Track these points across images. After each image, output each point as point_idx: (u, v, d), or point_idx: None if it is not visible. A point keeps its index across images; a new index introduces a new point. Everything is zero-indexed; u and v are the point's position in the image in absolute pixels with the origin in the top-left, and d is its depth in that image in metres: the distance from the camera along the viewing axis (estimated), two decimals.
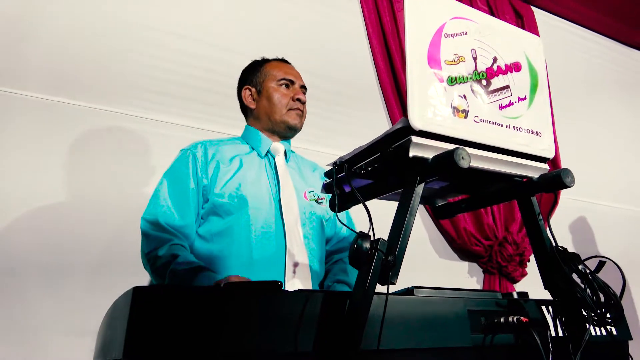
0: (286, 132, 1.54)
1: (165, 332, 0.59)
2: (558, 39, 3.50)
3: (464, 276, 2.71)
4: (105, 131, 1.99)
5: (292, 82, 1.55)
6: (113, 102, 2.02)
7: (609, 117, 3.58)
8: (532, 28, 3.22)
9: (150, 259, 1.30)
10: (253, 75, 1.59)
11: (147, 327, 0.58)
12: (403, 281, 0.87)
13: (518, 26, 3.06)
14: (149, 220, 1.35)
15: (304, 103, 1.55)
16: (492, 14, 3.06)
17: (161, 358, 0.58)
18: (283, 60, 1.63)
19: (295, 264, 1.36)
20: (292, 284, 1.33)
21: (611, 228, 3.28)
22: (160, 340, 0.58)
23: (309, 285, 1.37)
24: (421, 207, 2.59)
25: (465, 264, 2.74)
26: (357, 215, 1.64)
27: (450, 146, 0.76)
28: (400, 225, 0.74)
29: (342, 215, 1.59)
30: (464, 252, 2.71)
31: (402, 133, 0.79)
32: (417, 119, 0.77)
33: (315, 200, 1.52)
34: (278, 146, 1.54)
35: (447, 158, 0.73)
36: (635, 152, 3.62)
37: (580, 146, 3.29)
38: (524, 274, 2.72)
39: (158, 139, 2.05)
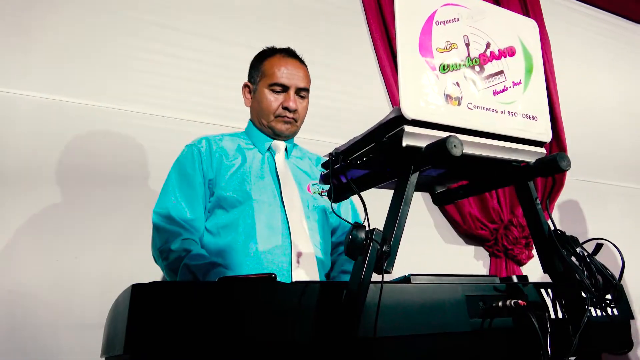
0: (277, 137, 1.52)
1: (164, 327, 0.60)
2: (561, 16, 3.45)
3: (470, 260, 2.72)
4: (109, 128, 2.00)
5: (286, 88, 1.47)
6: (115, 100, 2.03)
7: (614, 95, 3.53)
8: (535, 5, 3.16)
9: (162, 252, 1.31)
10: (253, 70, 1.56)
11: (147, 323, 0.60)
12: (408, 267, 0.88)
13: (520, 4, 3.03)
14: (160, 213, 1.37)
15: (293, 111, 1.47)
16: None
17: (161, 353, 0.60)
18: (287, 54, 1.52)
19: (300, 255, 1.37)
20: (298, 275, 1.34)
21: (615, 207, 3.26)
22: (159, 336, 0.60)
23: (315, 276, 1.38)
24: (426, 193, 2.59)
25: (472, 248, 2.75)
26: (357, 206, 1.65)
27: (444, 134, 0.76)
28: (395, 215, 0.75)
29: (346, 205, 1.61)
30: (469, 236, 2.71)
31: (395, 123, 0.79)
32: (410, 108, 0.77)
33: (319, 193, 1.53)
34: (279, 143, 1.53)
35: (439, 147, 0.73)
36: None
37: (583, 125, 3.25)
38: (530, 257, 2.72)
39: (164, 135, 2.06)
